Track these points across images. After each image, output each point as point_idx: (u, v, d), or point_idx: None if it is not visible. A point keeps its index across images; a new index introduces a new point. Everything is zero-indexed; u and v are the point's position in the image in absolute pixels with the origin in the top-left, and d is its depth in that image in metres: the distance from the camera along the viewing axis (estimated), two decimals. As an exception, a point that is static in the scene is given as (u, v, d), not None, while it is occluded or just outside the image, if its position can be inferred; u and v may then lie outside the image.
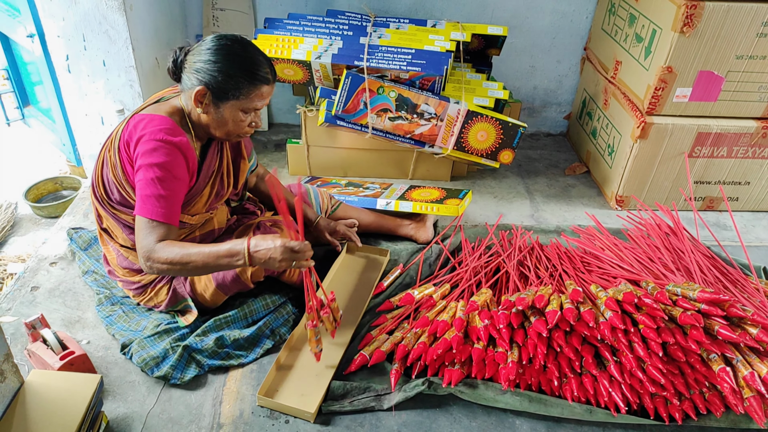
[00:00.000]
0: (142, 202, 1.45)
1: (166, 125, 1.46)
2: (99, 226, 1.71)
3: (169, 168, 1.44)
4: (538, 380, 1.57)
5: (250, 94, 1.47)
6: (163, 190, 1.44)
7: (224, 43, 1.45)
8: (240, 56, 1.45)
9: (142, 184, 1.44)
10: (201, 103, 1.48)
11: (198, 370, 1.64)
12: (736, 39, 2.13)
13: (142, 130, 1.45)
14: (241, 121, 1.52)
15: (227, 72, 1.44)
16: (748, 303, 1.59)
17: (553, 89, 3.06)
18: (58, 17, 2.09)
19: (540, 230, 2.31)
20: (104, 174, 1.58)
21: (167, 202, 1.45)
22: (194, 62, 1.46)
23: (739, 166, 2.41)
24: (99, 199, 1.62)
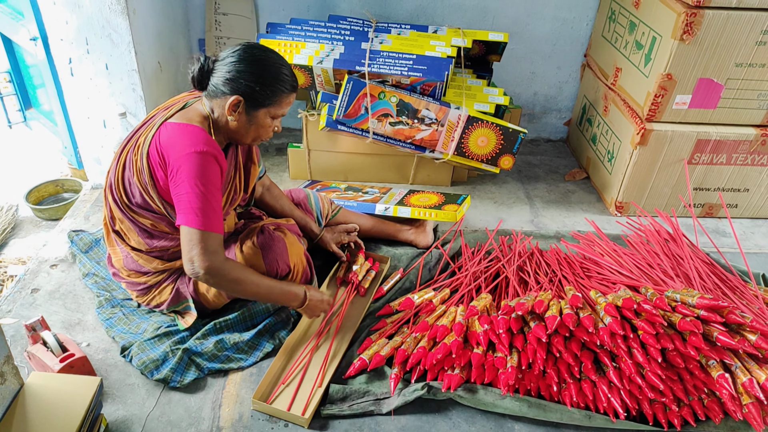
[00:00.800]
0: (192, 214, 1.46)
1: (203, 136, 1.49)
2: (110, 228, 1.70)
3: (211, 179, 1.47)
4: (537, 385, 1.57)
5: (282, 101, 1.54)
6: (209, 202, 1.47)
7: (258, 53, 1.50)
8: (273, 66, 1.50)
9: (188, 197, 1.45)
10: (234, 111, 1.52)
11: (198, 373, 1.65)
12: (736, 47, 2.14)
13: (180, 142, 1.47)
14: (268, 126, 1.58)
15: (262, 81, 1.48)
16: (747, 310, 1.59)
17: (553, 95, 3.07)
18: (61, 20, 2.10)
19: (540, 236, 2.31)
20: (125, 177, 1.58)
21: (214, 213, 1.49)
22: (226, 72, 1.48)
23: (739, 173, 2.42)
24: (117, 202, 1.62)
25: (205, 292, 1.73)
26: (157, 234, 1.65)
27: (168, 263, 1.71)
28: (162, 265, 1.70)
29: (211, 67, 1.51)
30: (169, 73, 2.60)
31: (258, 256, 1.68)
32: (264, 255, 1.68)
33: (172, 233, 1.65)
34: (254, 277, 1.59)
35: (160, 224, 1.63)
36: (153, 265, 1.69)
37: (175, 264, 1.72)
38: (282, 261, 1.70)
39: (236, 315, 1.77)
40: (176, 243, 1.66)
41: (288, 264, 1.72)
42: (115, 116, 2.28)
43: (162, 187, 1.53)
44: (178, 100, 1.64)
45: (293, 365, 1.67)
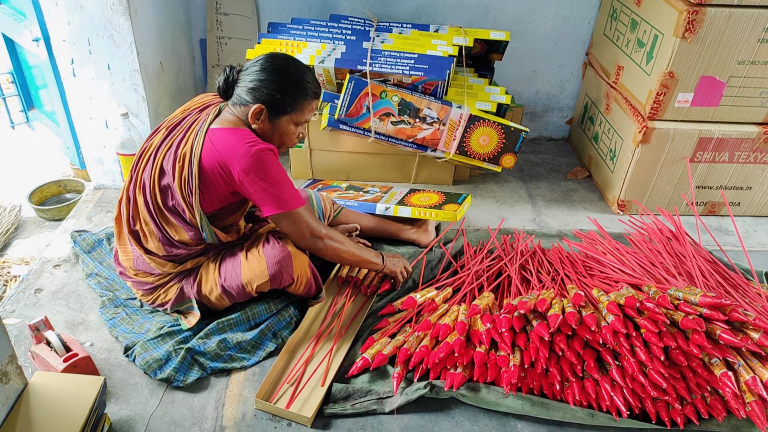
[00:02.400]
0: (285, 200, 1.58)
1: (252, 136, 1.56)
2: (128, 227, 1.70)
3: (279, 168, 1.57)
4: (540, 384, 1.57)
5: (304, 108, 1.59)
6: (289, 186, 1.59)
7: (279, 62, 1.56)
8: (294, 74, 1.56)
9: (275, 189, 1.55)
10: (258, 119, 1.57)
11: (201, 372, 1.65)
12: (738, 44, 2.13)
13: (236, 145, 1.52)
14: (292, 133, 1.64)
15: (283, 89, 1.54)
16: (750, 307, 1.59)
17: (555, 94, 3.06)
18: (63, 21, 2.11)
19: (542, 234, 2.31)
20: (164, 182, 1.60)
21: (296, 192, 1.62)
22: (249, 81, 1.55)
23: (741, 171, 2.42)
24: (150, 204, 1.62)
25: (208, 294, 1.74)
26: (177, 243, 1.67)
27: (180, 266, 1.72)
28: (174, 269, 1.72)
29: (235, 77, 1.58)
30: (171, 74, 2.60)
31: (263, 267, 1.68)
32: (269, 266, 1.68)
33: (193, 244, 1.68)
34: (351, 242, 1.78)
35: (185, 235, 1.64)
36: (166, 269, 1.71)
37: (186, 266, 1.73)
38: (286, 273, 1.70)
39: (238, 314, 1.78)
40: (193, 251, 1.70)
41: (291, 275, 1.72)
42: (118, 116, 2.29)
43: (211, 197, 1.58)
44: (206, 103, 1.68)
45: (296, 364, 1.67)
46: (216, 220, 1.68)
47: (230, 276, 1.70)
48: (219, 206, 1.64)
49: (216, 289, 1.72)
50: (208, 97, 1.71)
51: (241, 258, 1.71)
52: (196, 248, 1.70)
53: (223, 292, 1.72)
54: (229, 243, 1.77)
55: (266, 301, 1.82)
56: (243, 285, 1.69)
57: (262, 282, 1.69)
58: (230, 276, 1.70)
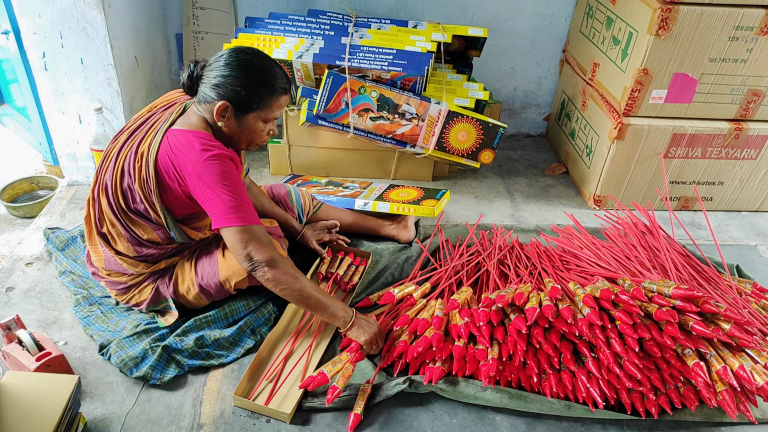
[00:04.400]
0: (233, 213, 1.46)
1: (211, 141, 1.49)
2: (96, 230, 1.67)
3: (234, 178, 1.48)
4: (518, 377, 1.59)
5: (271, 104, 1.52)
6: (242, 198, 1.48)
7: (243, 57, 1.48)
8: (259, 69, 1.49)
9: (222, 198, 1.46)
10: (223, 117, 1.51)
11: (178, 370, 1.63)
12: (710, 42, 2.18)
13: (190, 148, 1.46)
14: (261, 131, 1.56)
15: (248, 85, 1.47)
16: (721, 299, 1.62)
17: (532, 91, 3.09)
18: (34, 14, 2.06)
19: (520, 229, 2.33)
20: (125, 184, 1.55)
21: (248, 206, 1.50)
22: (213, 77, 1.48)
23: (713, 167, 2.47)
24: (113, 206, 1.59)
25: (186, 294, 1.72)
26: (146, 243, 1.63)
27: (153, 266, 1.70)
28: (147, 269, 1.69)
29: (199, 73, 1.51)
30: (146, 68, 2.56)
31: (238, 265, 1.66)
32: None
33: (163, 243, 1.65)
34: (309, 282, 1.58)
35: (153, 234, 1.61)
36: (138, 269, 1.68)
37: (160, 266, 1.70)
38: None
39: (216, 312, 1.76)
40: (165, 251, 1.67)
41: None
42: (91, 112, 2.24)
43: (170, 198, 1.53)
44: (172, 101, 1.62)
45: (275, 361, 1.66)
46: (190, 221, 1.65)
47: (207, 274, 1.68)
48: (189, 210, 1.60)
49: (193, 288, 1.70)
50: (176, 95, 1.66)
51: (218, 256, 1.69)
52: (168, 247, 1.67)
53: (201, 291, 1.70)
54: (203, 241, 1.75)
55: (244, 298, 1.80)
56: (221, 283, 1.68)
57: (241, 279, 1.67)
58: (207, 274, 1.68)
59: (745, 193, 2.57)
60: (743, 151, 2.42)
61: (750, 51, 2.21)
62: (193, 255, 1.74)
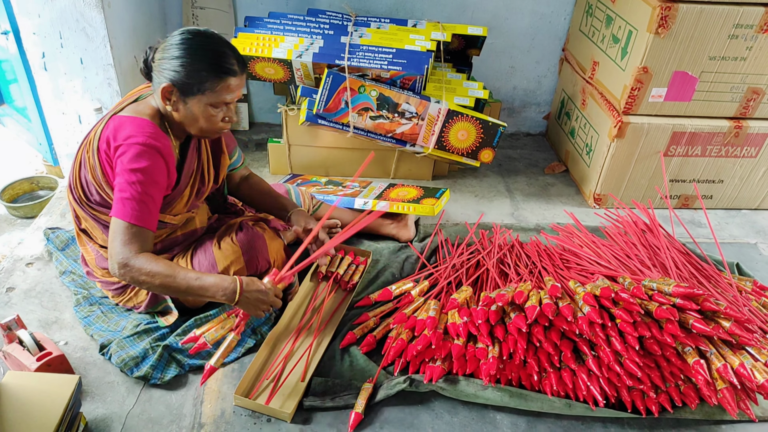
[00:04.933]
0: (120, 204, 1.43)
1: (149, 129, 1.44)
2: (77, 227, 1.68)
3: (150, 173, 1.43)
4: (518, 375, 1.59)
5: (216, 87, 1.43)
6: (142, 194, 1.42)
7: (186, 36, 1.42)
8: (203, 49, 1.41)
9: (121, 187, 1.42)
10: (169, 100, 1.45)
11: (179, 369, 1.63)
12: (709, 40, 2.17)
13: (124, 133, 1.43)
14: (212, 116, 1.48)
15: (190, 66, 1.40)
16: (722, 297, 1.63)
17: (532, 89, 3.09)
18: (33, 14, 2.06)
19: (520, 228, 2.33)
20: (82, 175, 1.55)
21: (146, 207, 1.44)
22: (160, 59, 1.43)
23: (713, 165, 2.47)
24: (77, 201, 1.59)
25: None
26: None
27: None
28: None
29: (152, 57, 1.46)
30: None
31: (237, 253, 1.67)
32: (244, 251, 1.67)
33: None
34: (172, 270, 1.44)
35: None
36: None
37: None
38: (262, 257, 1.70)
39: (216, 311, 1.76)
40: None
41: (268, 260, 1.71)
42: (91, 111, 2.24)
43: (113, 184, 1.49)
44: (132, 94, 1.60)
45: (275, 360, 1.66)
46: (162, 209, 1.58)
47: (205, 267, 1.67)
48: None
49: None
50: (141, 87, 1.63)
51: (213, 249, 1.68)
52: None
53: None
54: (190, 235, 1.74)
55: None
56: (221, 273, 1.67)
57: (239, 267, 1.67)
58: (205, 267, 1.67)
59: (745, 191, 2.57)
60: (743, 149, 2.42)
61: (750, 49, 2.21)
62: (187, 251, 1.73)
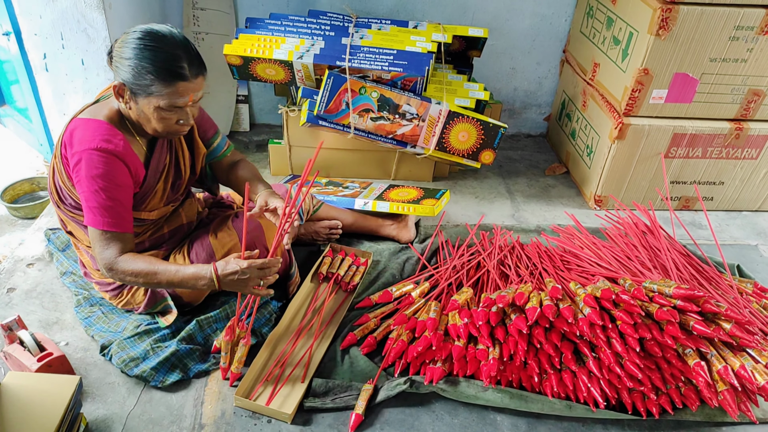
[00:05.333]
0: (90, 213, 1.43)
1: (102, 132, 1.42)
2: (64, 229, 1.69)
3: (110, 177, 1.41)
4: (518, 377, 1.59)
5: (164, 91, 1.38)
6: (107, 200, 1.42)
7: (138, 36, 1.37)
8: (153, 51, 1.36)
9: (86, 195, 1.42)
10: (122, 98, 1.42)
11: (182, 375, 1.62)
12: (710, 42, 2.18)
13: (77, 140, 1.42)
14: (164, 118, 1.43)
15: (138, 68, 1.36)
16: (722, 299, 1.63)
17: (533, 91, 3.09)
18: (35, 15, 2.07)
19: (520, 230, 2.33)
20: (56, 180, 1.55)
21: (114, 212, 1.44)
22: (115, 55, 1.40)
23: (714, 167, 2.47)
24: (56, 205, 1.60)
25: None
26: None
27: None
28: None
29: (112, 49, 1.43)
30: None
31: (235, 239, 1.66)
32: (240, 239, 1.66)
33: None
34: (153, 266, 1.46)
35: None
36: None
37: None
38: (260, 243, 1.68)
39: (218, 312, 1.76)
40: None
41: (265, 246, 1.70)
42: (92, 112, 2.24)
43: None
44: (100, 94, 1.58)
45: (276, 361, 1.66)
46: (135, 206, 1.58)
47: (203, 259, 1.67)
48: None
49: None
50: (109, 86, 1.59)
51: (210, 240, 1.68)
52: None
53: None
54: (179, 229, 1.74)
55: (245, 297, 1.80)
56: None
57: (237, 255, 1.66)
58: (203, 259, 1.67)
59: (745, 193, 2.57)
60: (744, 151, 2.42)
61: (750, 51, 2.21)
62: (183, 246, 1.73)
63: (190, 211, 1.76)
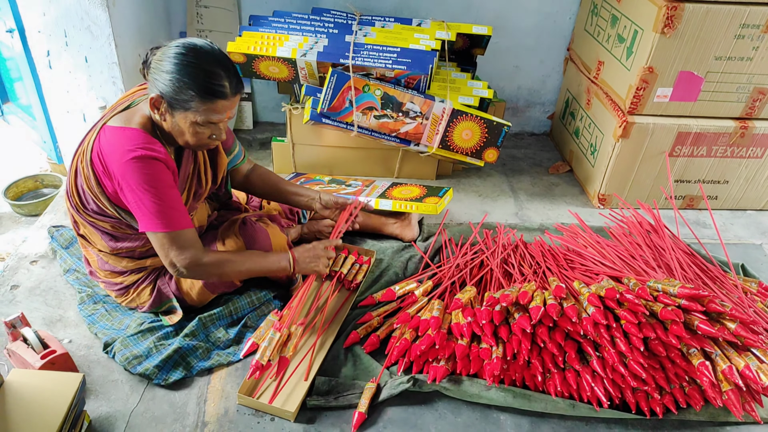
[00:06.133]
0: (152, 218, 1.43)
1: (140, 140, 1.42)
2: (76, 232, 1.68)
3: (159, 179, 1.43)
4: (522, 376, 1.59)
5: (202, 107, 1.40)
6: (166, 201, 1.44)
7: (180, 51, 1.38)
8: (193, 67, 1.37)
9: (140, 203, 1.42)
10: (157, 109, 1.43)
11: (185, 373, 1.63)
12: (715, 40, 2.16)
13: (115, 147, 1.42)
14: (198, 133, 1.45)
15: (178, 83, 1.37)
16: (727, 299, 1.62)
17: (536, 89, 3.08)
18: (38, 12, 2.06)
19: (524, 228, 2.33)
20: (78, 184, 1.54)
21: (174, 210, 1.45)
22: (154, 68, 1.41)
23: (718, 166, 2.46)
24: (75, 208, 1.59)
25: (189, 291, 1.72)
26: (119, 236, 1.62)
27: (138, 261, 1.68)
28: (132, 264, 1.68)
29: (150, 60, 1.44)
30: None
31: (241, 248, 1.67)
32: (248, 246, 1.67)
33: (135, 233, 1.62)
34: (236, 256, 1.59)
35: (120, 227, 1.60)
36: (123, 265, 1.67)
37: (145, 262, 1.69)
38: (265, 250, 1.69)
39: (221, 309, 1.77)
40: (141, 242, 1.63)
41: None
42: (95, 110, 2.25)
43: (111, 194, 1.49)
44: (127, 97, 1.58)
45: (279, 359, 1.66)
46: None
47: None
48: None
49: (197, 283, 1.70)
50: (135, 89, 1.61)
51: (217, 245, 1.68)
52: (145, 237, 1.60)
53: (206, 284, 1.70)
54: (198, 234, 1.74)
55: (248, 295, 1.81)
56: None
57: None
58: None
59: (750, 192, 2.56)
60: (749, 150, 2.41)
61: (756, 49, 2.19)
62: None
63: (201, 216, 1.77)
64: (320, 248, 1.69)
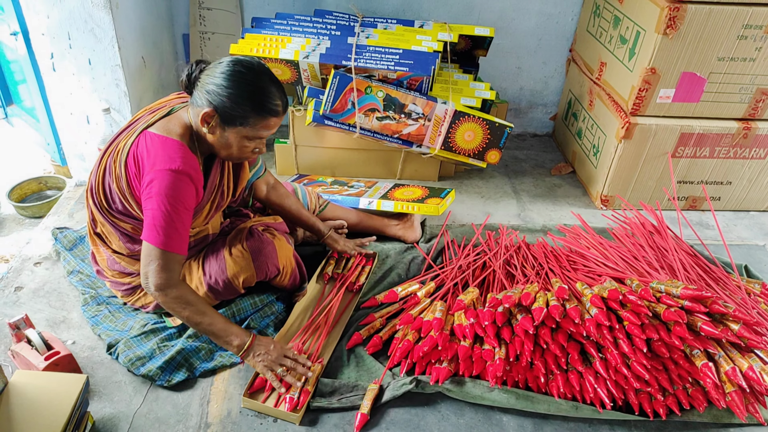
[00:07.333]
0: (155, 231, 1.44)
1: (180, 152, 1.45)
2: (92, 230, 1.68)
3: (183, 199, 1.44)
4: (524, 377, 1.59)
5: (257, 124, 1.46)
6: (176, 222, 1.44)
7: (238, 69, 1.43)
8: (251, 85, 1.43)
9: (154, 213, 1.43)
10: (208, 124, 1.47)
11: (188, 374, 1.63)
12: (718, 41, 2.16)
13: (155, 154, 1.44)
14: (244, 146, 1.51)
15: (236, 100, 1.42)
16: (730, 300, 1.62)
17: (539, 90, 3.08)
18: (42, 14, 2.07)
19: (526, 229, 2.33)
20: (106, 182, 1.55)
21: (178, 234, 1.46)
22: (207, 83, 1.44)
23: (721, 166, 2.45)
24: (98, 206, 1.59)
25: None
26: (138, 239, 1.62)
27: None
28: None
29: (197, 75, 1.47)
30: (153, 69, 2.57)
31: (248, 260, 1.67)
32: (254, 258, 1.67)
33: None
34: (201, 306, 1.52)
35: (140, 229, 1.59)
36: (135, 267, 1.68)
37: None
38: (271, 263, 1.70)
39: (223, 311, 1.76)
40: None
41: (277, 266, 1.72)
42: (99, 112, 2.25)
43: (139, 196, 1.50)
44: (164, 104, 1.60)
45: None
46: None
47: (215, 272, 1.68)
48: None
49: (201, 288, 1.71)
50: (172, 97, 1.64)
51: (224, 254, 1.69)
52: None
53: (209, 290, 1.70)
54: (204, 239, 1.75)
55: (251, 297, 1.81)
56: (229, 280, 1.68)
57: (248, 275, 1.67)
58: (215, 272, 1.68)
59: (753, 193, 2.55)
60: (752, 151, 2.41)
61: (759, 50, 2.19)
62: (200, 254, 1.74)
63: (215, 223, 1.78)
64: (285, 353, 1.59)
